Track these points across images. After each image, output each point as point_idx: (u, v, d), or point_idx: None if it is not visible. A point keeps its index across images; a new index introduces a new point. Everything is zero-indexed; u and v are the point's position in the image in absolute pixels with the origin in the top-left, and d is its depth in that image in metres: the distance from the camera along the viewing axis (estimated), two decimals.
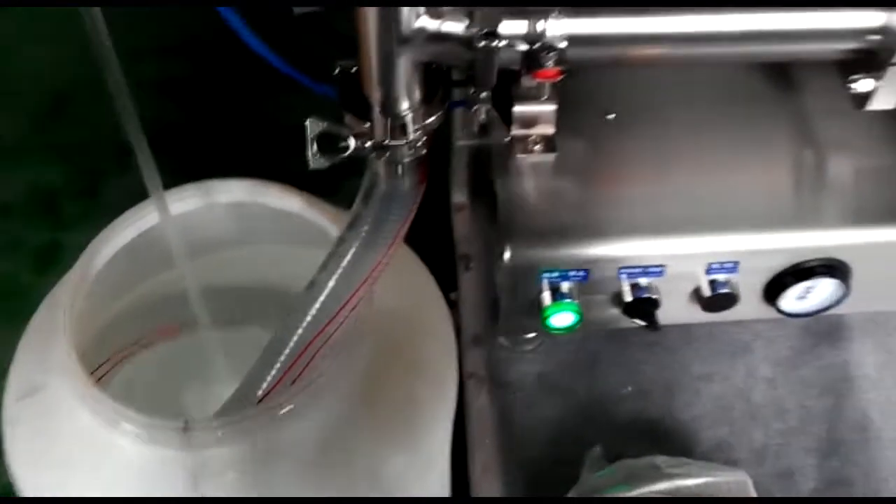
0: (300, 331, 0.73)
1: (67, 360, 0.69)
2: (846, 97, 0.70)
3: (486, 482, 0.78)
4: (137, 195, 0.81)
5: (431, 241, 0.87)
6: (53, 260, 1.34)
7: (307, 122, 0.65)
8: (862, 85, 0.69)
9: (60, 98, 1.52)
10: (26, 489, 0.74)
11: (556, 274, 0.71)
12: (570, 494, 0.75)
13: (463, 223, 0.90)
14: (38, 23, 1.59)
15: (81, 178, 1.43)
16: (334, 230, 0.76)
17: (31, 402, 0.75)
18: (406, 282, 0.84)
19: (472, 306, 0.85)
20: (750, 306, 0.75)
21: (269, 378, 0.76)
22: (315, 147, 0.65)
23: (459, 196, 0.91)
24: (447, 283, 0.87)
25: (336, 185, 0.80)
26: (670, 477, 0.70)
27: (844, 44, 0.68)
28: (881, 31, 0.66)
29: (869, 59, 0.68)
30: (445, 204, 0.93)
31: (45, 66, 1.54)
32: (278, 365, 0.75)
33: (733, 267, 0.72)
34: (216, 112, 1.50)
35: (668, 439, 0.82)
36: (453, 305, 0.86)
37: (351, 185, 0.78)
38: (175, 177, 0.83)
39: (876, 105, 0.69)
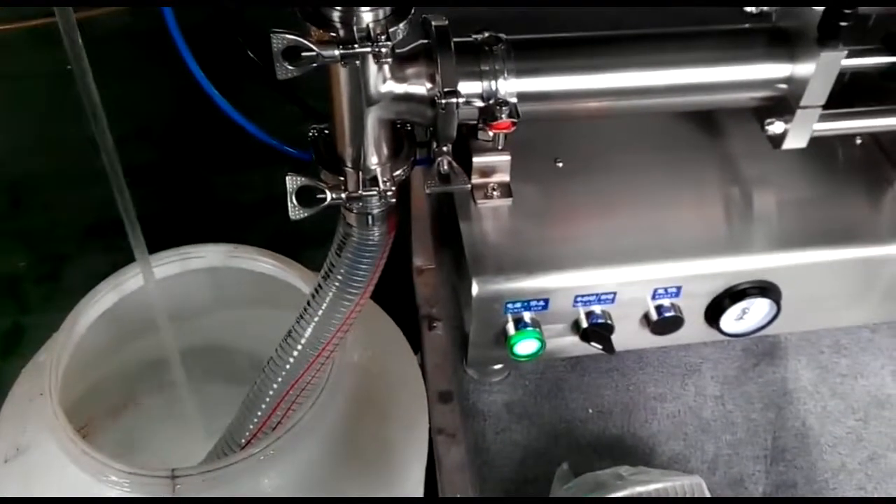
0: (280, 379, 0.77)
1: (53, 418, 0.70)
2: (764, 139, 0.78)
3: None
4: (98, 276, 0.82)
5: (393, 304, 0.90)
6: (17, 343, 1.34)
7: (287, 178, 0.69)
8: (775, 127, 0.77)
9: (20, 186, 1.53)
10: None
11: (518, 304, 0.77)
12: None
13: (425, 285, 0.92)
14: None
15: (43, 263, 1.44)
16: (306, 288, 0.78)
17: (17, 462, 0.75)
18: (375, 334, 0.86)
19: (438, 364, 0.87)
20: (694, 329, 0.82)
21: (251, 426, 0.79)
22: (295, 200, 0.69)
23: (420, 260, 0.94)
24: (410, 345, 0.89)
25: (295, 254, 0.84)
26: (633, 484, 0.75)
27: (758, 92, 0.77)
28: (787, 80, 0.76)
29: (780, 104, 0.77)
30: (406, 269, 0.96)
31: (3, 157, 1.56)
32: (259, 412, 0.78)
33: (676, 292, 0.79)
34: (180, 193, 1.52)
35: (628, 454, 0.87)
36: (419, 366, 0.88)
37: (309, 254, 0.80)
38: (151, 242, 0.82)
39: (789, 144, 0.77)
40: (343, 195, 0.70)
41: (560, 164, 0.86)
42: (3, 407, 0.81)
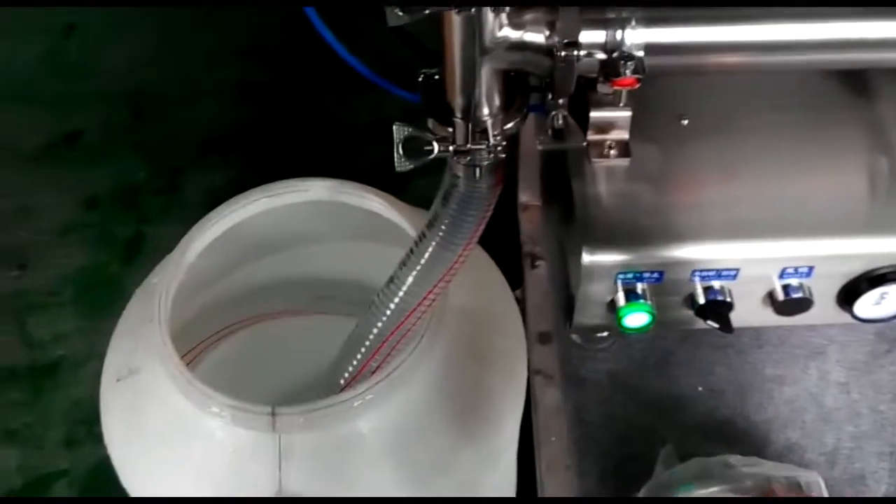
0: (380, 324, 0.76)
1: (162, 345, 0.72)
2: None
3: (551, 479, 0.78)
4: (214, 191, 0.85)
5: (496, 239, 0.87)
6: (138, 251, 1.40)
7: (394, 128, 0.67)
8: None
9: (138, 100, 1.58)
10: (120, 464, 0.77)
11: (630, 275, 0.72)
12: (643, 491, 0.76)
13: (529, 222, 0.90)
14: (118, 21, 1.65)
15: (162, 175, 1.48)
16: (411, 229, 0.78)
17: (127, 383, 0.78)
18: (478, 280, 0.85)
19: (538, 304, 0.85)
20: (824, 311, 0.76)
21: (350, 368, 0.79)
22: (401, 150, 0.67)
23: (526, 196, 0.92)
24: (511, 281, 0.88)
25: (404, 184, 0.82)
26: (743, 477, 0.71)
27: None
28: None
29: None
30: (510, 204, 0.94)
31: (127, 67, 1.61)
32: (359, 355, 0.78)
33: (808, 272, 0.73)
34: (291, 113, 1.53)
35: (739, 440, 0.82)
36: (518, 302, 0.87)
37: (417, 184, 0.80)
38: (255, 174, 0.85)
39: None
40: (451, 147, 0.68)
41: (685, 123, 0.79)
42: (118, 324, 0.84)
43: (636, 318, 0.74)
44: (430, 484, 0.74)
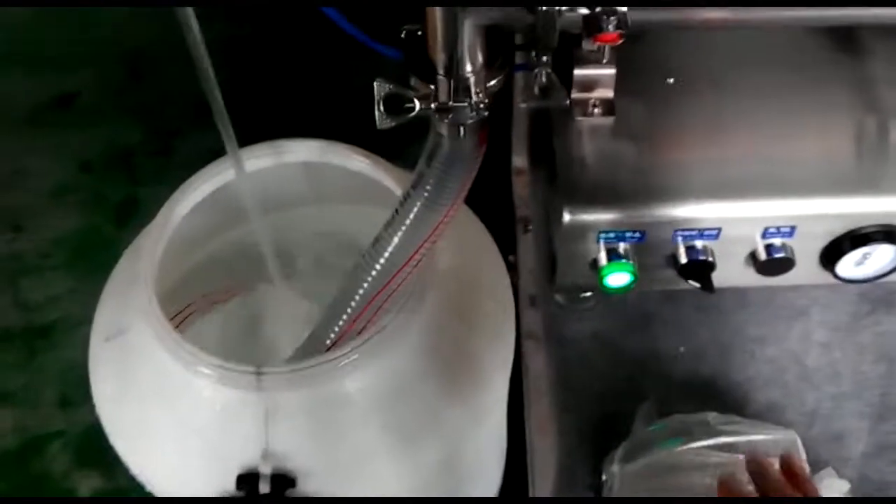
0: (366, 284, 0.76)
1: (149, 305, 0.73)
2: None
3: (541, 438, 0.80)
4: (210, 154, 0.83)
5: (491, 204, 0.88)
6: (132, 214, 1.40)
7: (374, 84, 0.67)
8: None
9: (135, 59, 1.57)
10: (109, 423, 0.78)
11: (612, 235, 0.72)
12: (623, 448, 0.77)
13: (522, 186, 0.91)
14: None
15: (157, 137, 1.48)
16: (398, 189, 0.78)
17: (115, 343, 0.79)
18: (466, 242, 0.85)
19: (530, 268, 0.86)
20: (806, 271, 0.76)
21: (337, 328, 0.79)
22: (382, 108, 0.67)
23: (519, 160, 0.92)
24: (505, 246, 0.88)
25: (400, 149, 0.82)
26: (721, 433, 0.72)
27: None
28: None
29: None
30: (505, 168, 0.94)
31: (121, 26, 1.59)
32: (345, 316, 0.78)
33: (790, 231, 0.73)
34: (283, 73, 1.52)
35: (719, 399, 0.83)
36: (512, 267, 0.87)
37: (413, 150, 0.79)
38: (246, 134, 0.85)
39: None
40: (433, 105, 0.67)
41: (671, 82, 0.79)
42: (106, 285, 0.85)
43: (618, 278, 0.74)
44: (416, 442, 0.75)
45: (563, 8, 0.63)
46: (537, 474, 0.80)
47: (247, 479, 0.70)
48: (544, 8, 0.62)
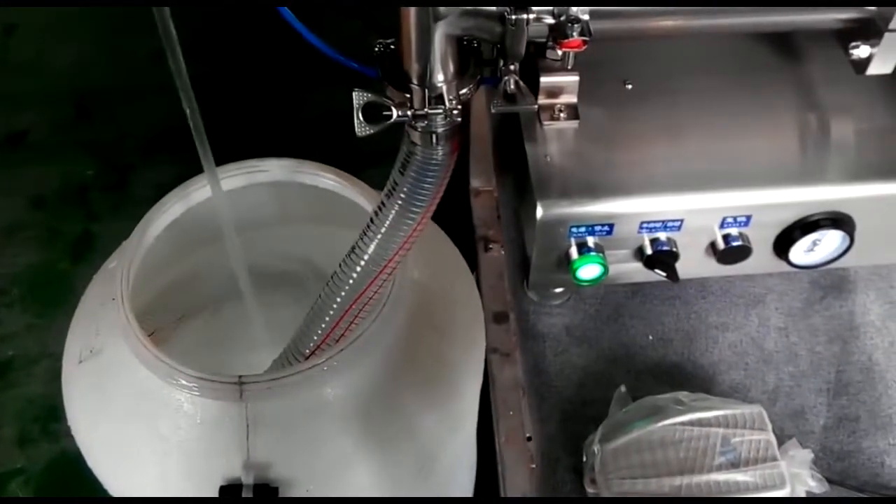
0: (343, 293, 0.77)
1: (125, 322, 0.71)
2: (846, 64, 0.74)
3: (509, 451, 0.81)
4: (165, 188, 0.83)
5: (446, 226, 0.89)
6: (88, 248, 1.38)
7: (353, 93, 0.68)
8: (861, 51, 0.73)
9: (83, 98, 1.55)
10: (87, 447, 0.76)
11: (582, 229, 0.76)
12: (601, 429, 0.80)
13: (482, 207, 0.93)
14: (60, 21, 1.63)
15: (110, 171, 1.47)
16: (368, 205, 0.79)
17: (90, 364, 0.77)
18: (436, 256, 0.86)
19: (492, 286, 0.88)
20: (762, 259, 0.80)
21: (315, 337, 0.80)
22: (361, 116, 0.69)
23: (478, 182, 0.94)
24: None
25: (358, 172, 0.83)
26: (693, 409, 0.75)
27: (843, 13, 0.73)
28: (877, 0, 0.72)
29: (866, 26, 0.72)
30: (463, 192, 0.95)
31: (71, 66, 1.58)
32: (323, 325, 0.79)
33: (745, 221, 0.77)
34: (239, 107, 1.50)
35: (688, 381, 0.87)
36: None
37: (372, 173, 0.81)
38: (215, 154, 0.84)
39: (874, 70, 0.74)
40: (409, 112, 0.70)
41: (630, 87, 0.83)
42: (77, 310, 0.84)
43: (589, 270, 0.77)
44: (394, 448, 0.75)
45: (532, 17, 0.67)
46: (508, 484, 0.82)
47: (229, 491, 0.69)
48: (514, 17, 0.67)
